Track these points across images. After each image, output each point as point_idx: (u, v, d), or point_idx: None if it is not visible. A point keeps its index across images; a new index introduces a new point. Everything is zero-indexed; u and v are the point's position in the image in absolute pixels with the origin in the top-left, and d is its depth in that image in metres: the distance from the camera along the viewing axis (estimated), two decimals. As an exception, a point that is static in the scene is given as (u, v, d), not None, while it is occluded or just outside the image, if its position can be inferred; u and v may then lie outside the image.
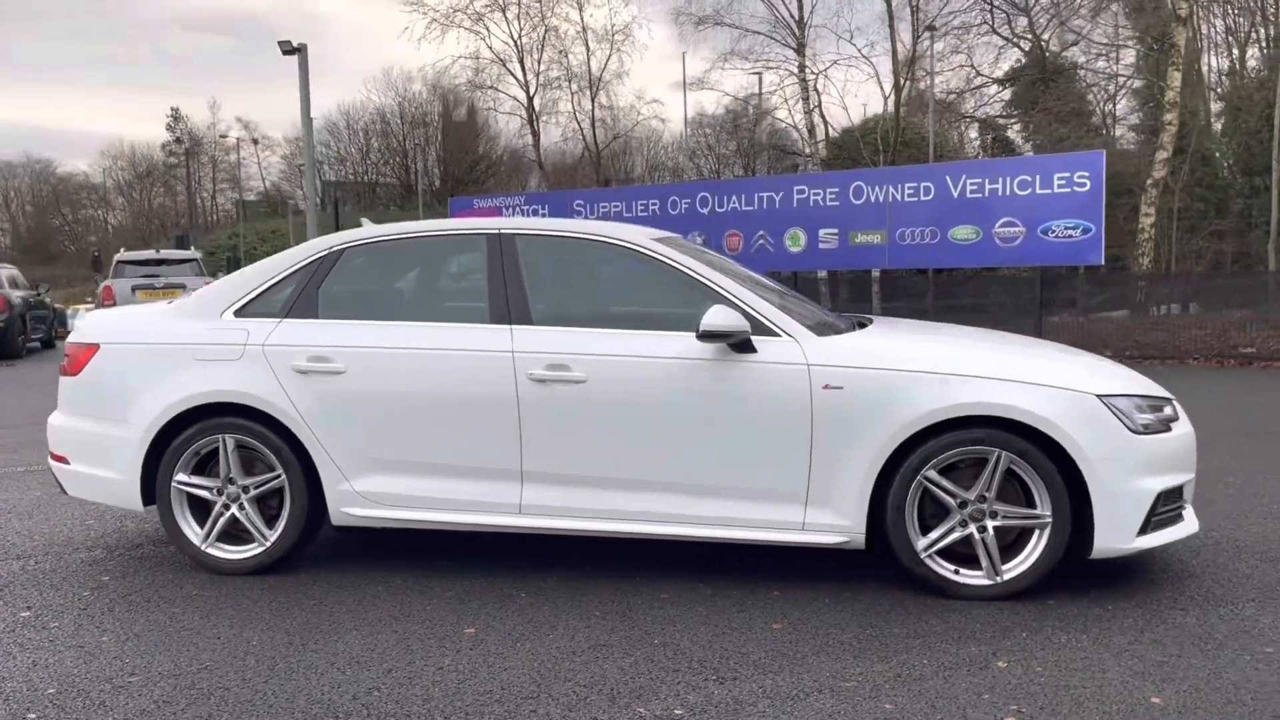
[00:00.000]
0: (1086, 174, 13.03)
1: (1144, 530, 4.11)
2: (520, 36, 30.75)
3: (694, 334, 4.19)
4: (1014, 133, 33.25)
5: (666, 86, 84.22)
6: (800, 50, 25.30)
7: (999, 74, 30.27)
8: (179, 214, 77.61)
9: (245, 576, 4.56)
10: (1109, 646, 3.63)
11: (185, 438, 4.60)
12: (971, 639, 3.71)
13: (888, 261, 14.58)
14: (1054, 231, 13.30)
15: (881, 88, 26.04)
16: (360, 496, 4.50)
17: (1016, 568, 4.13)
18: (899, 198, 14.18)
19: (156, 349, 4.67)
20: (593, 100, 33.04)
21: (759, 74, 27.83)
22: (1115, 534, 4.07)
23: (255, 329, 4.61)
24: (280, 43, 18.73)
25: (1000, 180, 13.59)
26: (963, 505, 4.13)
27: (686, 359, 4.24)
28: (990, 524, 4.14)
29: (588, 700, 3.23)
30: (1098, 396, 4.09)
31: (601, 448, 4.32)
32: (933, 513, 4.19)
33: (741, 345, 4.22)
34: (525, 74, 31.16)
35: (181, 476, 4.62)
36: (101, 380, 4.72)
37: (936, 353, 4.31)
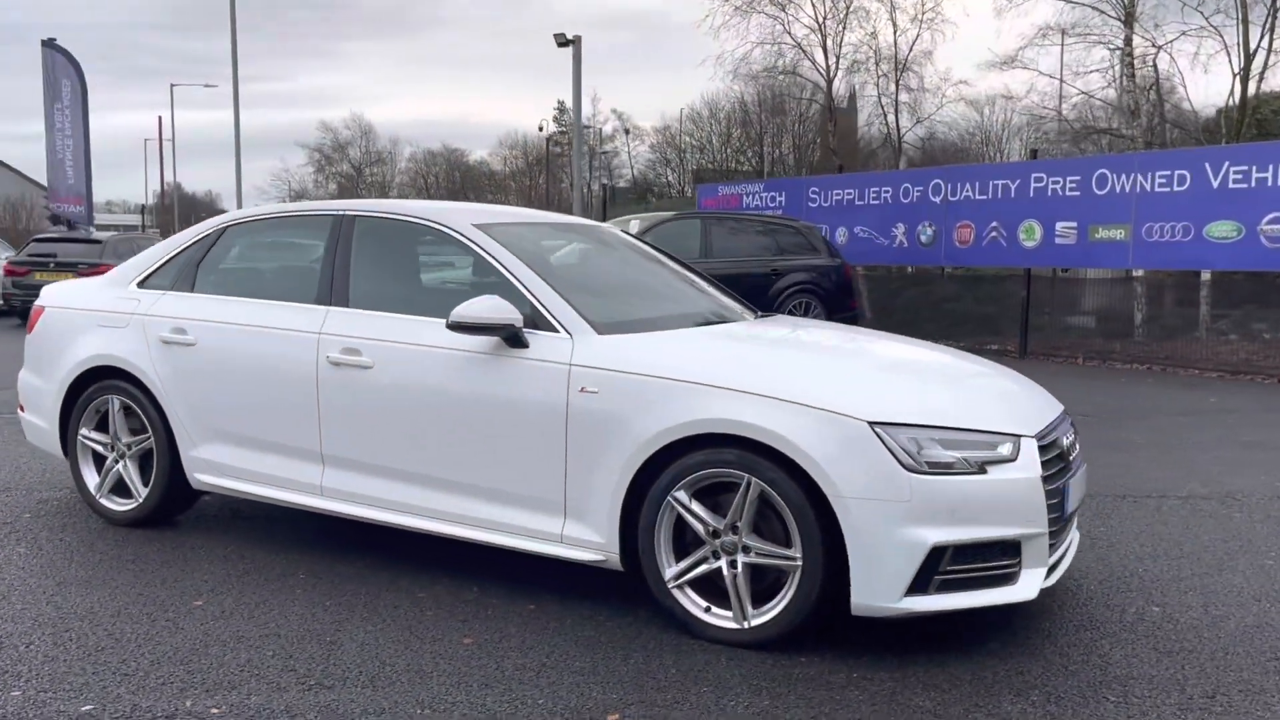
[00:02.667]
0: (1381, 161, 10.72)
1: (918, 589, 3.40)
2: (824, 19, 29.99)
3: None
4: None
5: (972, 67, 76.75)
6: (1128, 23, 22.66)
7: None
8: (559, 200, 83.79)
9: (124, 528, 4.93)
10: None
11: (87, 395, 5.04)
12: (620, 686, 3.26)
13: (1130, 261, 12.80)
14: (1336, 230, 11.08)
15: (1231, 64, 22.67)
16: (205, 463, 4.71)
17: (766, 614, 3.56)
18: (1147, 187, 12.39)
19: (76, 313, 5.15)
20: (896, 84, 31.53)
21: (1120, 49, 25.15)
22: (875, 589, 3.40)
23: (145, 300, 4.96)
24: (555, 35, 19.63)
25: (1271, 167, 11.50)
26: (715, 535, 3.63)
27: (464, 350, 4.04)
28: (741, 559, 3.60)
29: (164, 685, 3.21)
30: (870, 423, 3.42)
31: (384, 436, 4.23)
32: (694, 539, 3.72)
33: (512, 339, 3.95)
34: (827, 58, 30.36)
35: (85, 430, 5.07)
36: (41, 339, 5.27)
37: (709, 359, 3.81)
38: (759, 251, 13.08)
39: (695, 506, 3.63)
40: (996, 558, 3.51)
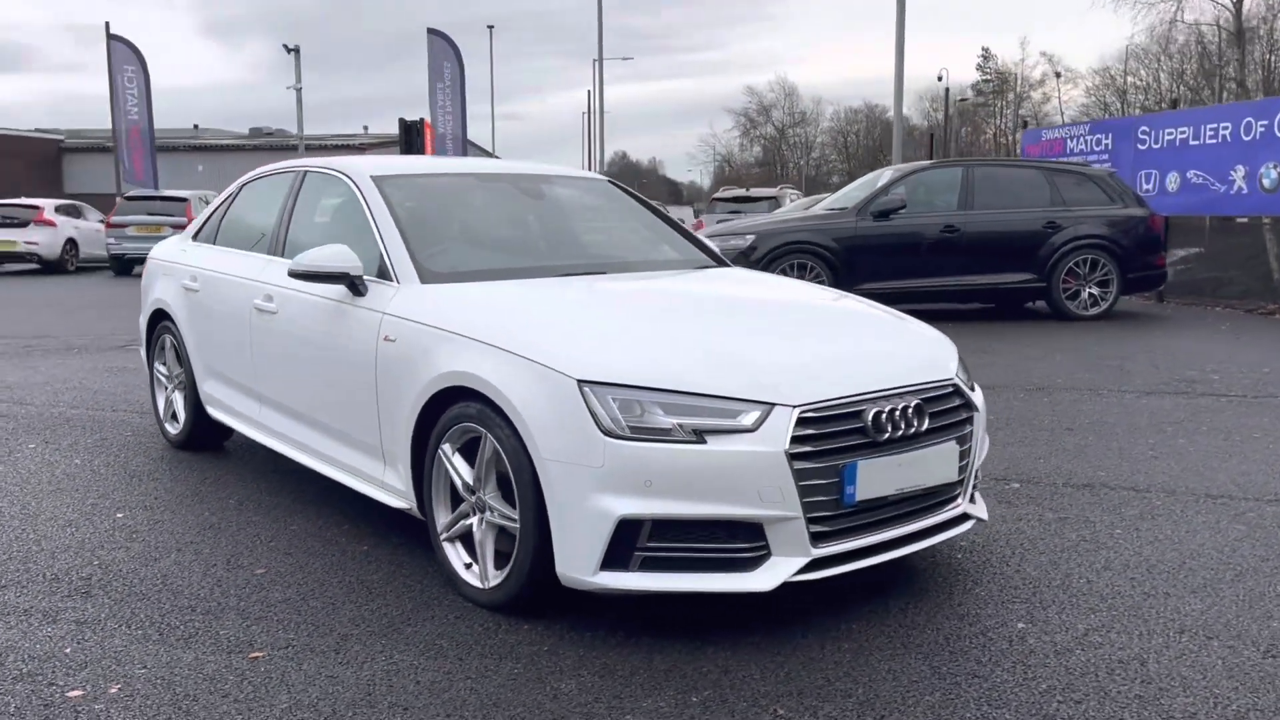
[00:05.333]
0: None
1: (617, 564, 3.10)
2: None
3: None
4: None
5: None
6: None
7: None
8: (983, 150, 79.91)
9: (175, 450, 5.68)
10: (382, 668, 2.97)
11: (155, 333, 5.85)
12: (306, 628, 3.28)
13: None
14: None
15: None
16: (210, 397, 5.30)
17: (499, 576, 3.42)
18: None
19: (156, 263, 5.96)
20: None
21: None
22: (573, 560, 3.15)
23: (189, 251, 5.64)
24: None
25: None
26: (471, 491, 3.53)
27: (326, 299, 4.21)
28: (486, 518, 3.48)
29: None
30: (579, 381, 3.15)
31: (283, 377, 4.53)
32: (474, 493, 3.63)
33: (352, 287, 4.07)
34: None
35: (157, 364, 5.89)
36: (142, 286, 6.17)
37: (490, 311, 3.66)
38: (1032, 203, 11.76)
39: (457, 460, 3.55)
40: (724, 539, 3.10)
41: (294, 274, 4.07)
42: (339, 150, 52.92)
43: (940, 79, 53.00)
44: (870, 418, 3.23)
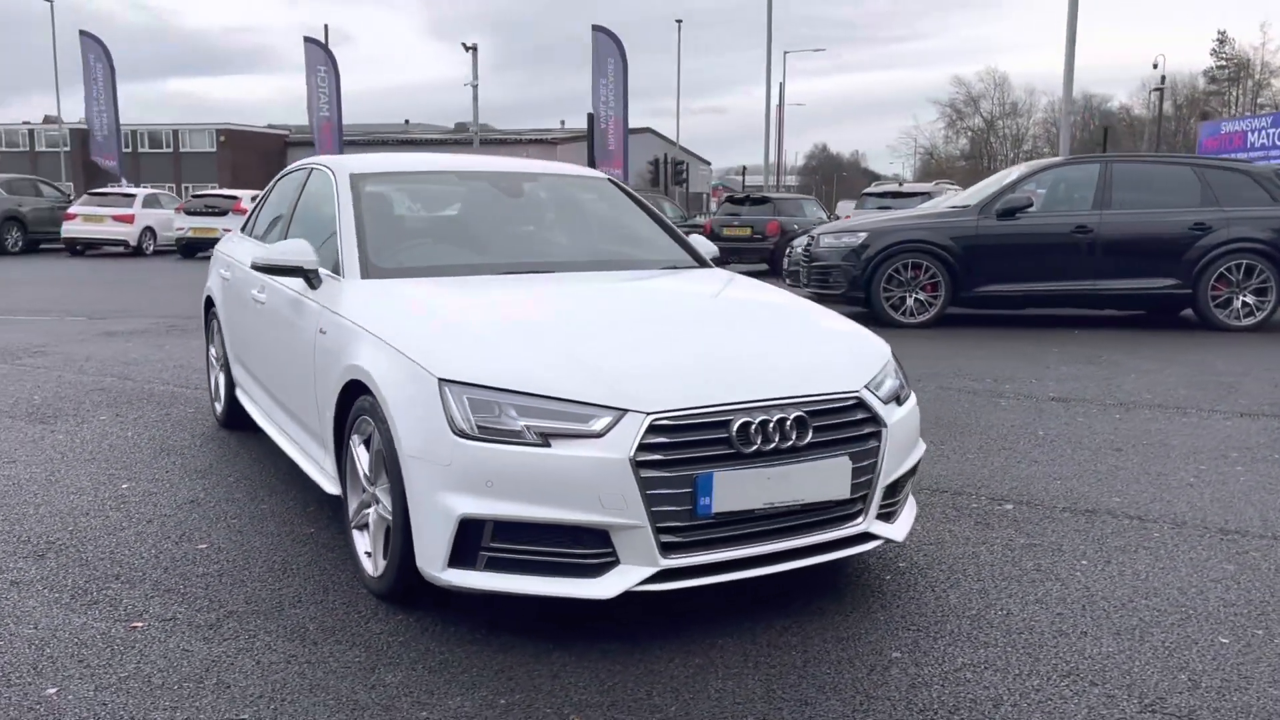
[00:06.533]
0: None
1: (464, 562, 3.14)
2: None
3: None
4: None
5: None
6: None
7: None
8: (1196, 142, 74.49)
9: (223, 430, 6.07)
10: (220, 652, 3.11)
11: (209, 319, 6.26)
12: (195, 604, 3.46)
13: None
14: None
15: None
16: (235, 379, 5.65)
17: (384, 567, 3.51)
18: None
19: (214, 255, 6.38)
20: None
21: None
22: (426, 555, 3.21)
23: (234, 243, 6.01)
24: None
25: None
26: (371, 482, 3.64)
27: (293, 291, 4.42)
28: (376, 509, 3.58)
29: (-34, 535, 4.14)
30: (440, 379, 3.19)
31: (269, 363, 4.78)
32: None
33: (308, 281, 4.25)
34: None
35: (211, 348, 6.31)
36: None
37: (399, 305, 3.74)
38: (1179, 202, 10.92)
39: (360, 452, 3.66)
40: (569, 544, 3.08)
41: (254, 266, 4.28)
42: (531, 144, 54.61)
43: (1155, 66, 49.44)
44: (736, 428, 3.13)
